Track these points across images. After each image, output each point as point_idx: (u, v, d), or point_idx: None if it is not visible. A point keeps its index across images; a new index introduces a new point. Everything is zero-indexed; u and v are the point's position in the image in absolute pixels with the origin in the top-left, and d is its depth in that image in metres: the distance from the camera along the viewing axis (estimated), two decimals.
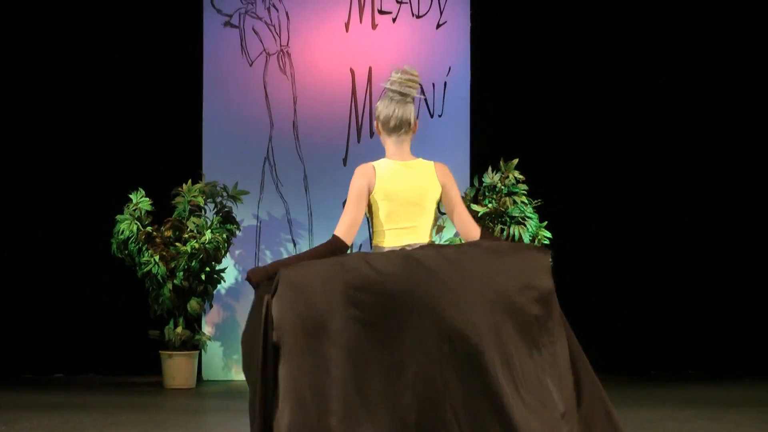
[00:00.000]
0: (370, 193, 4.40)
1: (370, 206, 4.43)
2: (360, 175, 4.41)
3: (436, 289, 4.04)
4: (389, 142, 4.50)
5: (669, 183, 9.74)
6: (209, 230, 8.54)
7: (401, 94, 4.49)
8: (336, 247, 4.33)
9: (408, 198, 4.41)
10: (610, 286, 9.64)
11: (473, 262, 4.12)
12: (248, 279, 4.25)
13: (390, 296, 4.03)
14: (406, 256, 4.12)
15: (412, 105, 4.49)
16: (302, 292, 4.08)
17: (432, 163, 4.51)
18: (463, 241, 4.58)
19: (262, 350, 4.10)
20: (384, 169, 4.42)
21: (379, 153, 4.60)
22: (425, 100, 9.31)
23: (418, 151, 8.98)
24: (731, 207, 9.76)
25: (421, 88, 9.09)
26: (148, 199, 8.64)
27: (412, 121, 4.50)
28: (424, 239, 4.45)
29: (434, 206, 4.45)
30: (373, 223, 4.46)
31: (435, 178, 4.47)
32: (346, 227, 4.35)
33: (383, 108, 4.47)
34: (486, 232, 4.51)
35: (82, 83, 9.47)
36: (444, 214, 9.16)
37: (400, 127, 4.48)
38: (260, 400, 4.10)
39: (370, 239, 4.60)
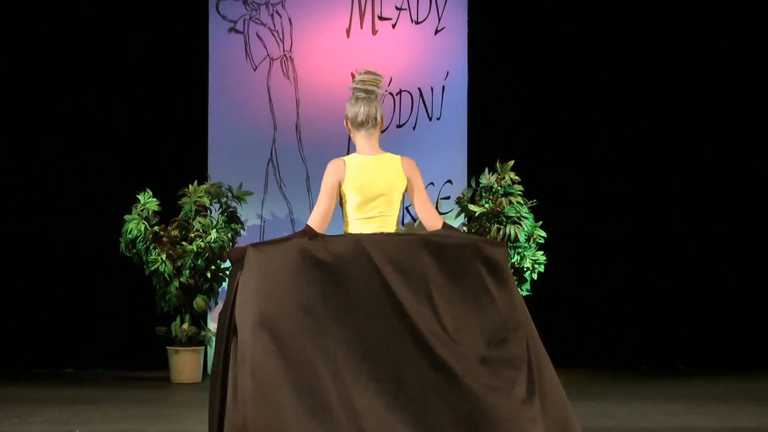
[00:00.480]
0: (340, 186, 4.58)
1: (341, 197, 4.60)
2: (331, 170, 4.60)
3: (384, 265, 4.24)
4: (359, 137, 4.68)
5: (658, 183, 9.75)
6: (214, 230, 8.55)
7: (366, 92, 4.69)
8: (307, 235, 4.42)
9: (375, 190, 4.58)
10: (603, 283, 9.65)
11: (431, 258, 4.32)
12: (228, 257, 4.39)
13: (339, 271, 4.24)
14: (359, 237, 4.33)
15: (377, 102, 4.67)
16: (263, 264, 4.25)
17: (399, 157, 4.67)
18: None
19: (228, 321, 4.26)
20: (354, 164, 4.59)
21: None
22: (424, 102, 9.32)
23: (418, 152, 9.03)
24: (720, 207, 9.76)
25: (406, 93, 9.23)
26: (155, 199, 8.66)
27: (379, 117, 4.67)
28: (390, 229, 4.60)
29: (400, 198, 4.61)
30: (343, 212, 4.63)
31: (401, 171, 4.63)
32: (319, 218, 4.53)
33: (350, 107, 4.69)
34: (447, 225, 4.65)
35: (92, 87, 9.48)
36: (444, 213, 9.19)
37: (367, 121, 4.64)
38: (222, 369, 4.24)
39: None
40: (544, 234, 8.68)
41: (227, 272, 8.71)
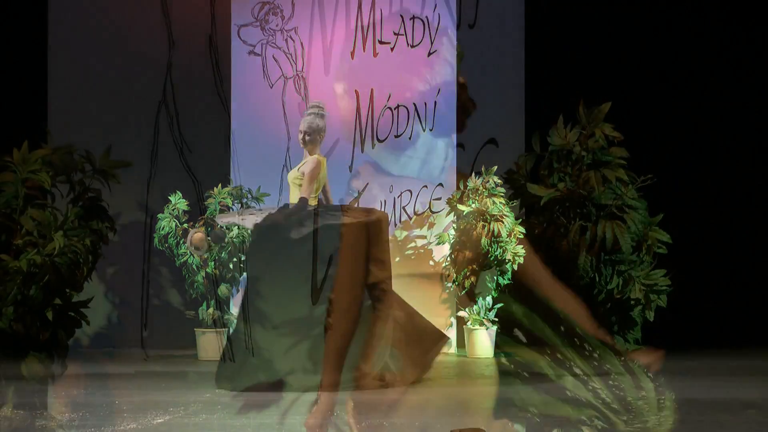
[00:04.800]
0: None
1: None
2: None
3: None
4: (308, 146, 6.39)
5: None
6: (236, 227, 8.51)
7: (315, 115, 6.29)
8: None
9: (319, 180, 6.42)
10: (569, 272, 9.55)
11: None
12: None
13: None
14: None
15: (323, 120, 6.12)
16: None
17: (324, 158, 6.50)
18: None
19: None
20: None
21: (377, 160, 4.58)
22: (418, 115, 9.29)
23: (414, 158, 8.95)
24: (665, 199, 9.68)
25: (403, 107, 9.18)
26: (184, 200, 8.65)
27: (322, 131, 6.31)
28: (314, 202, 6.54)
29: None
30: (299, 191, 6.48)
31: (324, 167, 6.43)
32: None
33: (303, 122, 6.38)
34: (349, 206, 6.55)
35: (140, 107, 9.48)
36: (436, 212, 9.14)
37: (314, 134, 6.25)
38: None
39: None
40: (522, 230, 8.64)
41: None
